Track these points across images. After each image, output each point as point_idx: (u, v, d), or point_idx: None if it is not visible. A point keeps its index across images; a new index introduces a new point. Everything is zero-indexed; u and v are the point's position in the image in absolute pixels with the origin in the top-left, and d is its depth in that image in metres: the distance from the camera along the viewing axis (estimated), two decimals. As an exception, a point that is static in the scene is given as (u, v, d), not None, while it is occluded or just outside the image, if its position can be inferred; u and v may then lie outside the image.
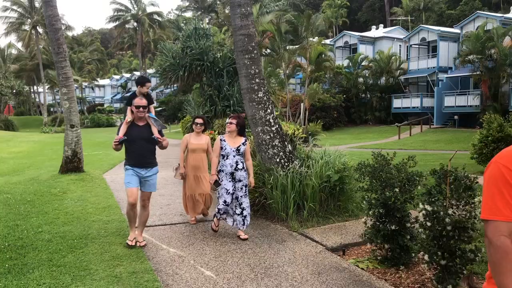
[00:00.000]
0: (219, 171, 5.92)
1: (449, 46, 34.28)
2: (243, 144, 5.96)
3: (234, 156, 5.88)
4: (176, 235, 6.17)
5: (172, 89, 47.14)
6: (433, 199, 3.96)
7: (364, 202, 5.03)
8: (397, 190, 4.70)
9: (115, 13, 57.43)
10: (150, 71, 61.16)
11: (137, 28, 56.69)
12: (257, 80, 7.21)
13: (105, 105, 73.24)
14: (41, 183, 10.42)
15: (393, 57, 36.24)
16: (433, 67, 34.53)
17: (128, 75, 78.11)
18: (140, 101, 5.39)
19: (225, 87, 20.53)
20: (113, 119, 55.41)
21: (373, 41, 41.34)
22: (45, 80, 55.58)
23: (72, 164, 11.83)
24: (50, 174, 11.77)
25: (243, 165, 5.95)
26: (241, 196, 5.92)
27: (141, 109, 5.36)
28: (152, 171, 5.55)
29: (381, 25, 49.36)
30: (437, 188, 3.99)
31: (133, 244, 5.49)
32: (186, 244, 5.74)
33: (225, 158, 5.90)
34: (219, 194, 5.92)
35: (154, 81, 58.17)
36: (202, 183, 6.70)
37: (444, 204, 3.90)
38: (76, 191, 9.46)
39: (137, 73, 67.32)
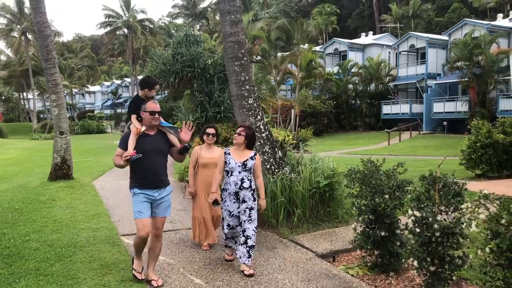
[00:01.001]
0: (223, 190, 5.11)
1: (437, 53, 34.65)
2: (251, 158, 5.03)
3: (239, 172, 4.97)
4: (166, 242, 6.11)
5: (163, 96, 47.06)
6: (422, 205, 3.98)
7: (354, 208, 5.04)
8: (386, 196, 4.72)
9: (106, 19, 57.28)
10: (140, 77, 60.93)
11: (128, 35, 56.55)
12: (247, 86, 7.22)
13: (96, 112, 72.81)
14: (29, 190, 10.32)
15: (382, 64, 36.56)
16: (422, 74, 34.85)
17: (118, 81, 77.86)
18: (155, 105, 4.41)
19: (216, 93, 20.53)
20: (104, 125, 55.05)
21: (362, 48, 41.66)
22: (35, 87, 55.15)
23: (61, 171, 11.74)
24: (39, 182, 11.67)
25: (250, 183, 5.01)
26: (245, 221, 4.97)
27: (156, 115, 4.41)
28: (167, 191, 4.55)
29: (371, 32, 49.84)
30: (426, 194, 4.01)
31: (143, 278, 4.59)
32: (175, 251, 5.70)
33: (229, 175, 5.02)
34: (222, 216, 5.19)
35: (144, 88, 58.18)
36: None
37: (433, 210, 3.92)
38: (65, 198, 9.38)
39: (128, 80, 67.08)
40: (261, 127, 7.26)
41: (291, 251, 5.68)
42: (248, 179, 5.00)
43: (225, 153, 5.12)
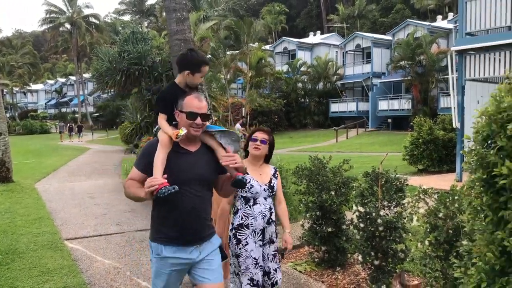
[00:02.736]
0: (239, 228, 3.35)
1: (382, 52, 35.83)
2: (273, 176, 3.53)
3: (266, 198, 3.42)
4: (112, 245, 5.96)
5: (110, 94, 45.77)
6: (366, 201, 4.08)
7: (302, 205, 5.09)
8: (333, 193, 4.81)
9: (48, 15, 54.98)
10: (86, 75, 59.07)
11: (72, 31, 54.54)
12: (194, 85, 7.14)
13: (39, 111, 69.83)
14: (-36, 195, 9.73)
15: (330, 63, 37.33)
16: (368, 73, 35.91)
17: (63, 79, 74.96)
18: (199, 102, 2.53)
19: (165, 92, 20.23)
20: (47, 125, 52.86)
21: (311, 47, 42.36)
22: (-30, 85, 52.15)
23: (-1, 174, 11.16)
24: (-26, 186, 11.03)
25: (274, 214, 3.54)
26: (275, 270, 3.46)
27: (199, 120, 2.52)
28: (213, 243, 2.71)
29: (319, 32, 50.75)
30: (370, 190, 4.12)
31: None
32: (122, 254, 5.56)
33: (251, 203, 3.38)
34: (240, 267, 3.32)
35: (90, 86, 56.41)
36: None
37: (376, 205, 4.03)
38: (3, 202, 8.91)
39: (73, 78, 64.70)
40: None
41: (240, 250, 5.67)
42: (273, 209, 3.53)
43: None
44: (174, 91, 2.66)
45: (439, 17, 39.54)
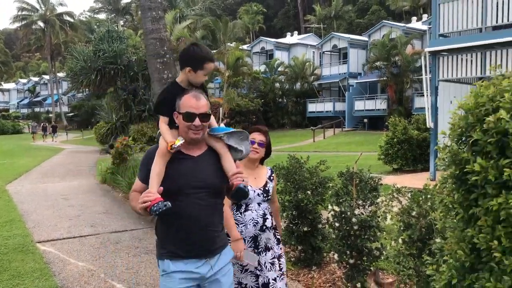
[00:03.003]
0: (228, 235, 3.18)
1: (358, 53, 36.25)
2: (269, 179, 3.34)
3: (260, 203, 3.22)
4: (86, 247, 5.86)
5: (85, 94, 45.07)
6: (341, 200, 4.11)
7: (278, 204, 5.09)
8: (309, 192, 4.83)
9: (20, 13, 53.76)
10: (60, 74, 58.00)
11: (45, 29, 53.44)
12: (170, 84, 7.09)
13: (11, 111, 68.22)
14: None
15: (307, 63, 37.57)
16: (344, 73, 36.27)
17: (36, 78, 73.46)
18: (197, 101, 2.26)
19: (141, 91, 20.05)
20: (20, 125, 51.66)
21: (288, 47, 42.54)
22: None
23: (-31, 175, 10.85)
24: None
25: (271, 218, 3.29)
26: (275, 279, 3.18)
27: (197, 121, 2.25)
28: (225, 256, 2.45)
29: (296, 32, 51.00)
30: (345, 190, 4.15)
31: None
32: (96, 256, 5.46)
33: (242, 209, 3.17)
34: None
35: (65, 85, 55.32)
36: None
37: (351, 204, 4.06)
38: (-27, 205, 8.67)
39: (47, 77, 63.46)
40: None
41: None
42: (269, 214, 3.27)
43: None
44: (175, 90, 2.36)
45: (414, 18, 40.22)
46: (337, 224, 4.08)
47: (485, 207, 1.74)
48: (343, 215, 4.03)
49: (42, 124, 43.34)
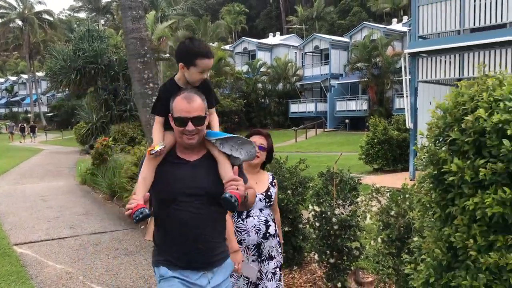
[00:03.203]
0: None
1: (339, 54, 36.52)
2: (271, 184, 3.24)
3: (262, 209, 3.11)
4: (65, 250, 5.77)
5: (64, 94, 44.42)
6: (321, 200, 4.12)
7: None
8: (289, 192, 4.83)
9: (-3, 11, 52.74)
10: (40, 74, 57.03)
11: (24, 28, 52.49)
12: (150, 84, 7.01)
13: (-13, 111, 66.85)
14: None
15: (289, 64, 37.68)
16: (326, 74, 36.51)
17: (14, 78, 72.08)
18: (188, 104, 2.08)
19: (122, 91, 19.86)
20: (-3, 126, 50.68)
21: (270, 48, 42.62)
22: None
23: None
24: None
25: (274, 225, 3.19)
26: None
27: (190, 125, 2.07)
28: (224, 271, 2.27)
29: (278, 33, 51.12)
30: (325, 190, 4.16)
31: None
32: (75, 259, 5.38)
33: (244, 216, 3.06)
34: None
35: (44, 85, 54.41)
36: None
37: (331, 204, 4.08)
38: None
39: (25, 76, 62.35)
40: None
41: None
42: (272, 220, 3.16)
43: None
44: (171, 89, 2.17)
45: (395, 20, 40.67)
46: (317, 224, 4.09)
47: (462, 206, 1.77)
48: (323, 215, 4.05)
49: (20, 124, 42.56)
